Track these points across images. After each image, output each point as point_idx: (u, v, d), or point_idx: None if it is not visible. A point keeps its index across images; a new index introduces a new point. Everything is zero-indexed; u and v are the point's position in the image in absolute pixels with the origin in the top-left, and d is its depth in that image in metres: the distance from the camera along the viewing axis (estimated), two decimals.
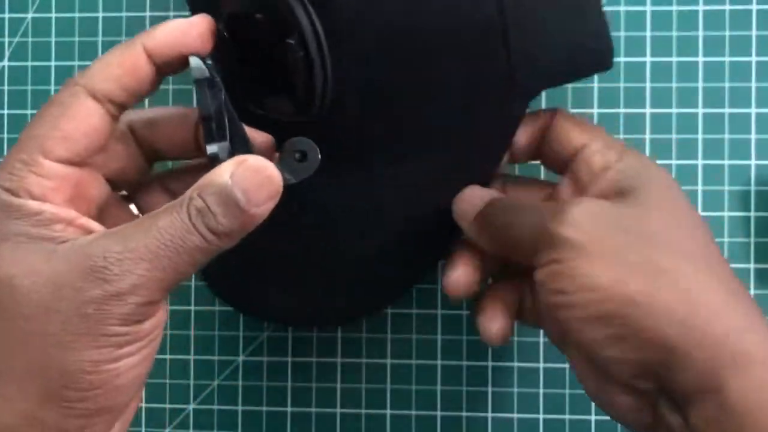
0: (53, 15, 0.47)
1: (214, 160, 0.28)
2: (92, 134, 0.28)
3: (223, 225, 0.26)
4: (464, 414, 0.44)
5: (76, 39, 0.47)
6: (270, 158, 0.28)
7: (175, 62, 0.29)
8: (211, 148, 0.28)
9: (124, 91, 0.28)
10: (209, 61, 0.29)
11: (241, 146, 0.29)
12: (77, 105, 0.28)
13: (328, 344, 0.45)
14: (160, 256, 0.25)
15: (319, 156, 0.29)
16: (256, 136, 0.31)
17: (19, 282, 0.26)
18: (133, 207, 0.34)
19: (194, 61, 0.29)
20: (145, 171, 0.33)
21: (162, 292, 0.26)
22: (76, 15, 0.47)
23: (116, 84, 0.28)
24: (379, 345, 0.45)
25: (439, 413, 0.44)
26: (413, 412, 0.45)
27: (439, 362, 0.45)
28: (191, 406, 0.46)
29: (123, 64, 0.28)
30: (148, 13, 0.47)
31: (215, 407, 0.45)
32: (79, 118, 0.28)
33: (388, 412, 0.45)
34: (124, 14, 0.47)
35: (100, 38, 0.47)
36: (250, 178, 0.26)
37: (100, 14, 0.47)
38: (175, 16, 0.46)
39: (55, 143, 0.27)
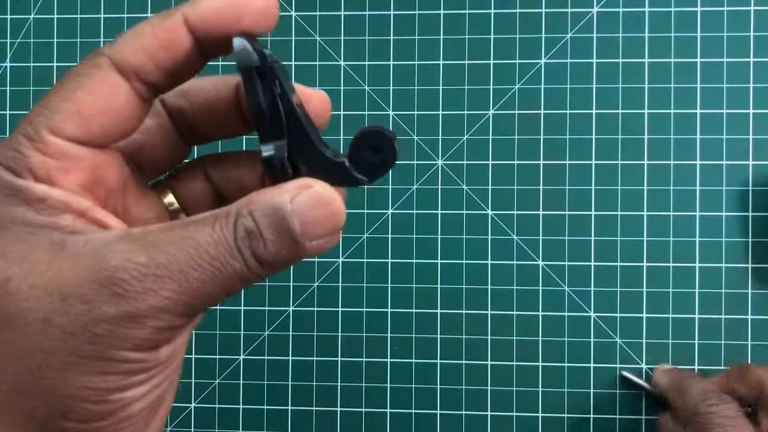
0: (55, 16, 0.47)
1: (270, 164, 0.24)
2: (113, 114, 0.23)
3: (272, 254, 0.22)
4: (464, 413, 0.45)
5: (78, 40, 0.47)
6: (324, 112, 0.25)
7: (222, 42, 0.23)
8: (266, 149, 0.24)
9: (156, 68, 0.23)
10: (259, 45, 0.24)
11: (301, 144, 0.24)
12: (98, 77, 0.23)
13: (328, 344, 0.45)
14: (192, 278, 0.21)
15: (398, 148, 0.24)
16: (311, 93, 0.26)
17: (15, 285, 0.21)
18: (171, 197, 0.29)
19: (239, 43, 0.23)
20: (183, 154, 0.28)
21: (186, 318, 0.22)
22: (78, 16, 0.47)
23: (148, 58, 0.23)
24: (379, 344, 0.45)
25: (438, 412, 0.45)
26: (413, 412, 0.45)
27: (438, 362, 0.45)
28: (192, 405, 0.46)
29: (158, 36, 0.23)
30: (149, 14, 0.47)
31: (216, 406, 0.46)
32: (99, 93, 0.23)
33: (388, 410, 0.45)
34: (125, 15, 0.47)
35: (101, 39, 0.47)
36: (313, 209, 0.23)
37: (102, 15, 0.47)
38: None
39: (66, 118, 0.22)
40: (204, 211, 0.26)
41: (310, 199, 0.23)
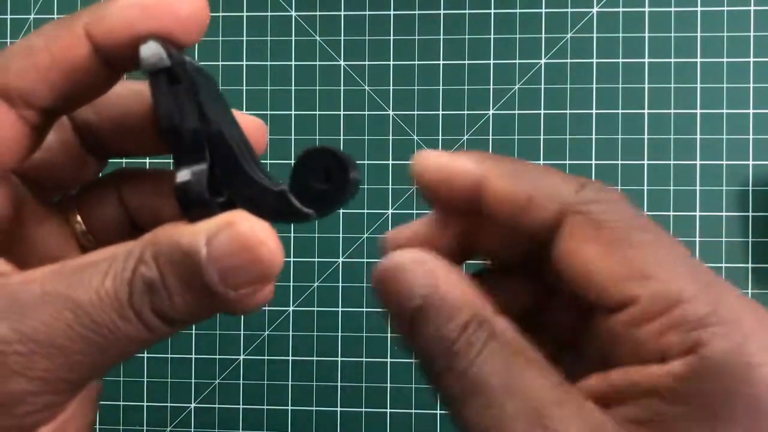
0: (55, 16, 0.47)
1: (183, 194, 0.18)
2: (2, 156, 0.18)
3: (180, 311, 0.18)
4: None
5: None
6: (259, 140, 0.20)
7: (128, 51, 0.18)
8: (181, 175, 0.18)
9: (51, 92, 0.18)
10: (177, 49, 0.19)
11: (229, 168, 0.19)
12: None
13: (329, 343, 0.45)
14: (71, 351, 0.17)
15: (353, 175, 0.19)
16: (244, 120, 0.21)
17: None
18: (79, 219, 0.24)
19: (145, 46, 0.18)
20: (94, 169, 0.23)
21: (69, 393, 0.18)
22: None
23: (40, 80, 0.18)
24: (379, 344, 0.45)
25: (439, 412, 0.45)
26: (413, 411, 0.45)
27: None
28: (192, 405, 0.46)
29: (53, 53, 0.18)
30: None
31: (216, 406, 0.46)
32: None
33: (388, 411, 0.45)
34: None
35: None
36: (235, 253, 0.17)
37: None
38: None
39: None
40: (114, 238, 0.22)
41: (231, 242, 0.17)
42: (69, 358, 0.17)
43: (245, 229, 0.17)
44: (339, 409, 0.45)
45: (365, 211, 0.45)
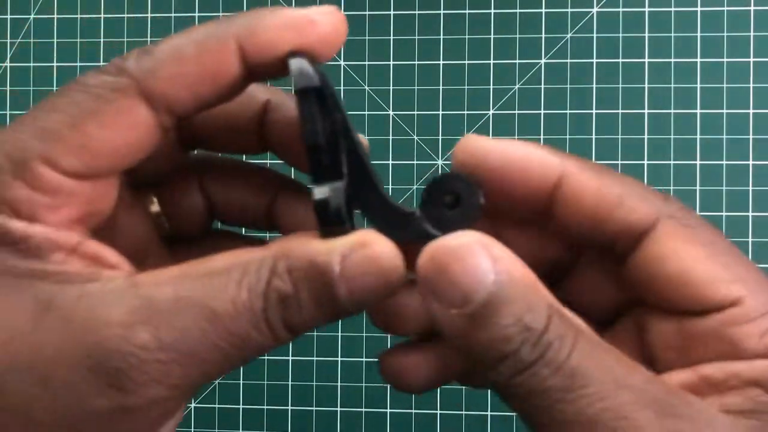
0: (55, 16, 0.47)
1: (324, 210, 0.18)
2: (128, 151, 0.18)
3: (306, 321, 0.18)
4: (464, 413, 0.45)
5: (78, 40, 0.47)
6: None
7: (277, 66, 0.19)
8: (320, 192, 0.18)
9: (194, 100, 0.19)
10: (318, 66, 0.19)
11: (363, 187, 0.19)
12: (120, 107, 0.18)
13: (329, 343, 0.45)
14: (206, 360, 0.17)
15: (482, 200, 0.19)
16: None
17: None
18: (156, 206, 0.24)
19: (297, 63, 0.19)
20: (179, 160, 0.23)
21: (188, 396, 0.18)
22: (78, 16, 0.47)
23: (187, 89, 0.18)
24: (378, 344, 0.45)
25: (439, 412, 0.45)
26: (413, 411, 0.45)
27: None
28: (193, 405, 0.46)
29: (203, 63, 0.18)
30: (149, 15, 0.47)
31: (216, 406, 0.46)
32: (116, 128, 0.18)
33: (388, 410, 0.45)
34: (125, 15, 0.47)
35: (101, 39, 0.47)
36: (366, 275, 0.18)
37: (102, 15, 0.47)
38: (177, 18, 0.46)
39: (68, 150, 0.18)
40: (193, 226, 0.22)
41: (365, 263, 0.18)
42: (202, 366, 0.17)
43: (378, 252, 0.18)
44: (339, 409, 0.45)
45: None
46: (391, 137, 0.46)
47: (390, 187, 0.46)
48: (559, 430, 0.17)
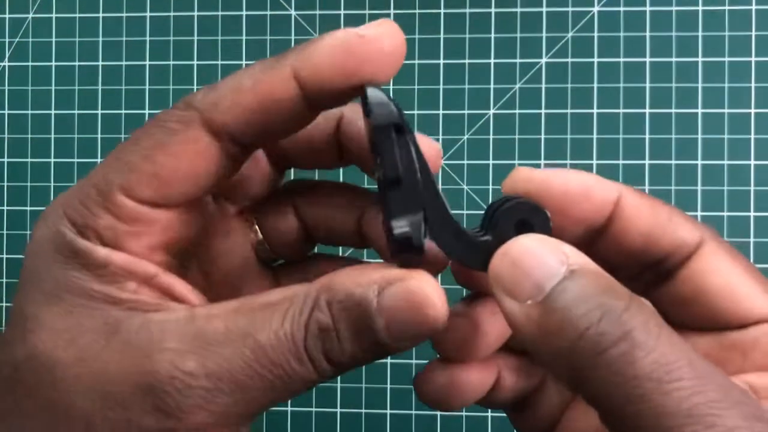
0: (54, 15, 0.47)
1: (406, 244, 0.18)
2: (196, 178, 0.20)
3: (346, 355, 0.18)
4: (464, 414, 0.44)
5: (77, 39, 0.47)
6: (434, 167, 0.20)
7: (336, 94, 0.19)
8: (399, 226, 0.18)
9: (254, 130, 0.20)
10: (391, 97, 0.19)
11: (437, 218, 0.19)
12: (185, 137, 0.19)
13: None
14: (250, 388, 0.18)
15: (551, 225, 0.20)
16: (424, 143, 0.20)
17: (61, 373, 0.18)
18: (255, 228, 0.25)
19: (376, 96, 0.19)
20: (276, 180, 0.25)
21: (241, 427, 0.19)
22: (77, 15, 0.47)
23: (246, 119, 0.19)
24: None
25: (439, 413, 0.44)
26: (413, 412, 0.45)
27: None
28: None
29: (260, 93, 0.19)
30: (148, 14, 0.47)
31: None
32: (183, 156, 0.19)
33: (388, 411, 0.45)
34: (124, 15, 0.47)
35: (100, 39, 0.47)
36: (403, 309, 0.18)
37: (101, 15, 0.47)
38: (176, 17, 0.46)
39: (142, 180, 0.19)
40: (292, 249, 0.24)
41: (401, 296, 0.18)
42: (247, 394, 0.18)
43: (414, 288, 0.18)
44: (338, 410, 0.45)
45: None
46: None
47: None
48: (653, 421, 0.16)
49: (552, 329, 0.17)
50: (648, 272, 0.21)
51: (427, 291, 0.18)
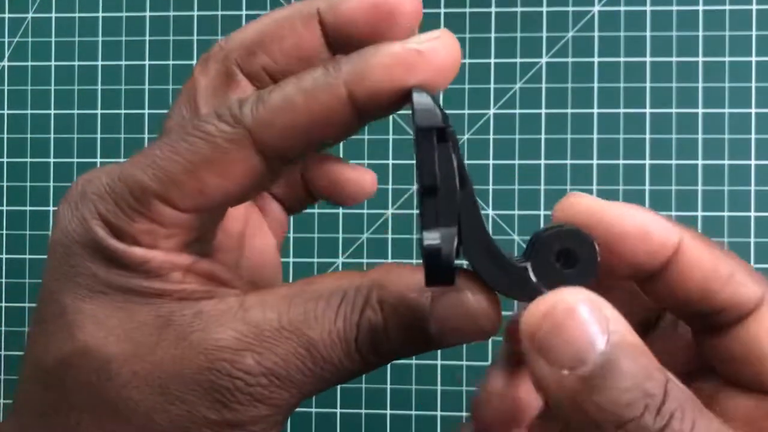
0: (53, 15, 0.47)
1: (435, 258, 0.18)
2: (238, 195, 0.20)
3: (396, 351, 0.19)
4: (464, 414, 0.44)
5: (76, 39, 0.47)
6: None
7: (387, 105, 0.19)
8: (431, 237, 0.18)
9: (301, 147, 0.19)
10: (438, 100, 0.18)
11: (473, 235, 0.18)
12: (234, 157, 0.19)
13: None
14: (303, 384, 0.19)
15: (598, 258, 0.18)
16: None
17: (116, 369, 0.19)
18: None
19: (422, 99, 0.18)
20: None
21: (289, 413, 0.20)
22: (76, 15, 0.47)
23: (297, 138, 0.19)
24: None
25: (439, 413, 0.44)
26: (413, 412, 0.45)
27: (439, 362, 0.45)
28: None
29: (313, 113, 0.18)
30: (148, 14, 0.47)
31: None
32: (230, 176, 0.19)
33: (388, 411, 0.45)
34: (124, 14, 0.47)
35: (100, 38, 0.47)
36: (457, 318, 0.18)
37: (100, 14, 0.47)
38: (175, 17, 0.46)
39: (184, 194, 0.19)
40: (296, 202, 0.25)
41: (457, 307, 0.18)
42: (301, 389, 0.19)
43: (472, 301, 0.18)
44: (338, 410, 0.45)
45: (365, 211, 0.45)
46: (391, 137, 0.45)
47: (390, 187, 0.45)
48: None
49: (590, 408, 0.16)
50: (698, 320, 0.20)
51: (483, 305, 0.18)
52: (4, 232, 0.47)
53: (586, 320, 0.16)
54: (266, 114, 0.19)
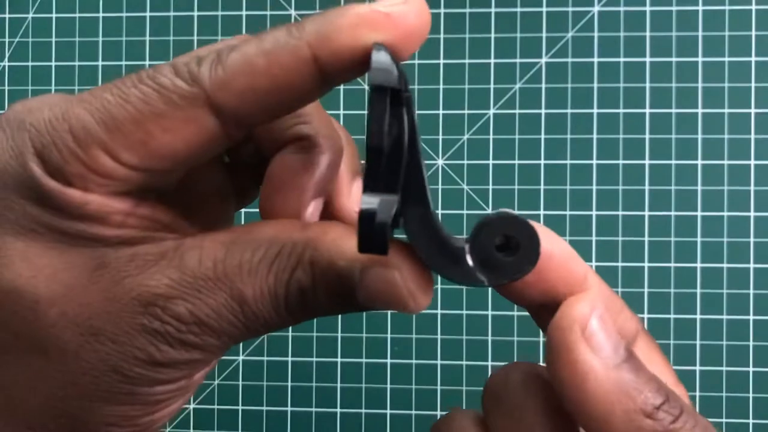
0: (53, 15, 0.47)
1: (367, 223, 0.17)
2: (187, 155, 0.19)
3: (323, 311, 0.19)
4: None
5: (77, 39, 0.47)
6: None
7: (352, 67, 0.18)
8: (369, 201, 0.17)
9: (260, 112, 0.18)
10: (400, 65, 0.18)
11: (414, 206, 0.18)
12: (187, 116, 0.18)
13: (328, 344, 0.45)
14: (232, 334, 0.19)
15: (540, 248, 0.18)
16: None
17: (43, 310, 0.18)
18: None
19: (380, 57, 0.17)
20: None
21: (221, 354, 0.20)
22: (77, 15, 0.47)
23: (256, 102, 0.18)
24: (379, 345, 0.45)
25: (439, 413, 0.44)
26: (413, 412, 0.45)
27: (439, 362, 0.45)
28: (192, 406, 0.46)
29: (275, 75, 0.18)
30: (148, 14, 0.47)
31: (215, 407, 0.45)
32: (180, 134, 0.18)
33: (388, 411, 0.45)
34: (124, 14, 0.47)
35: (100, 38, 0.47)
36: (384, 293, 0.18)
37: (101, 14, 0.47)
38: (175, 17, 0.46)
39: (129, 146, 0.18)
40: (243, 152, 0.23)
41: (384, 284, 0.18)
42: (231, 337, 0.19)
43: (397, 279, 0.18)
44: (338, 410, 0.45)
45: None
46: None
47: None
48: None
49: (629, 392, 0.17)
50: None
51: (409, 284, 0.18)
52: None
53: (612, 324, 0.19)
54: (225, 75, 0.18)
